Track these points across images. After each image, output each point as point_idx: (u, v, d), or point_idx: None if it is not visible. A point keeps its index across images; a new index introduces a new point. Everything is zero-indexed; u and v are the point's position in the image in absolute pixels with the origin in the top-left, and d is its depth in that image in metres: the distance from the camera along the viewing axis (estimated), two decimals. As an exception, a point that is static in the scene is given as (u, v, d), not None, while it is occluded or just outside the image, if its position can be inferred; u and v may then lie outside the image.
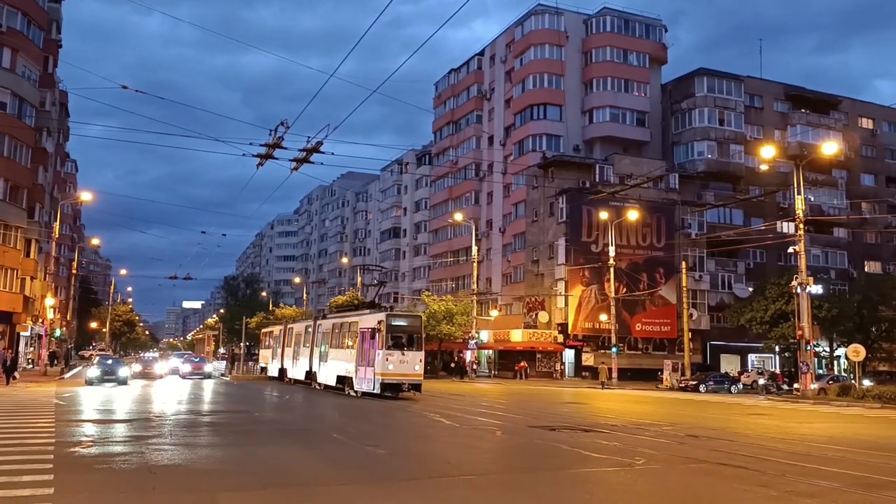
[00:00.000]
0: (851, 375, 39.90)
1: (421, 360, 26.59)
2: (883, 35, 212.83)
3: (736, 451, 13.61)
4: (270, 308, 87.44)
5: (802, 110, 63.30)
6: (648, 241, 54.96)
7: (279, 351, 40.89)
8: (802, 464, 12.72)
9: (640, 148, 60.50)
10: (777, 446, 14.98)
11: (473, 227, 47.95)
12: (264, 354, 47.01)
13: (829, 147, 41.40)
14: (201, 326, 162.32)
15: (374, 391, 25.63)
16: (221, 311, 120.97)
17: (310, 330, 34.65)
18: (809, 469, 12.06)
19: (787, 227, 34.27)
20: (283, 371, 39.60)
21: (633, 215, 48.21)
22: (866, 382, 40.42)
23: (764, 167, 50.65)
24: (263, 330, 50.17)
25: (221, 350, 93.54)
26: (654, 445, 14.19)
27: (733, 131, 59.91)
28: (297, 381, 36.37)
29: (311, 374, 33.52)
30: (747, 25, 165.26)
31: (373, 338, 25.62)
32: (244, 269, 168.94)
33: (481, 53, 72.25)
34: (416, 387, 26.36)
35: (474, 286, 53.10)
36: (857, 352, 33.97)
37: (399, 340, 26.02)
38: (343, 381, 28.69)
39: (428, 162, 79.57)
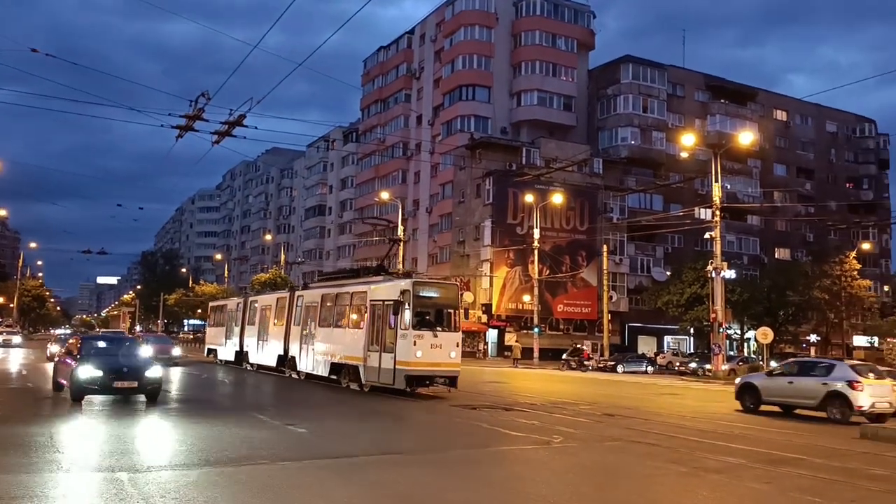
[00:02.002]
0: (760, 357, 41.63)
1: (458, 345, 20.16)
2: (798, 31, 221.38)
3: (649, 430, 14.01)
4: (190, 285, 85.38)
5: (721, 100, 65.24)
6: (572, 225, 55.91)
7: (237, 330, 32.87)
8: (711, 441, 13.20)
9: (567, 132, 61.28)
10: (687, 424, 15.51)
11: (400, 207, 47.65)
12: (213, 334, 38.37)
13: (746, 137, 42.78)
14: (116, 303, 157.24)
15: (394, 385, 19.12)
16: (138, 287, 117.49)
17: (285, 303, 27.41)
18: (718, 446, 12.51)
19: (704, 214, 35.31)
20: (241, 355, 31.53)
21: (557, 199, 48.89)
22: (773, 364, 42.33)
23: (684, 154, 52.01)
24: (212, 304, 42.35)
25: (138, 328, 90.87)
26: (572, 424, 14.48)
27: (656, 119, 61.32)
28: (262, 368, 28.91)
29: (286, 360, 26.33)
30: (672, 15, 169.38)
31: (395, 313, 19.18)
32: (163, 244, 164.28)
33: (411, 32, 71.68)
34: (453, 380, 19.68)
35: (399, 266, 52.92)
36: (766, 334, 35.53)
37: (428, 317, 19.86)
38: (339, 370, 22.22)
39: (355, 139, 78.72)
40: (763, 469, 10.89)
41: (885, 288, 66.55)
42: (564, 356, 44.58)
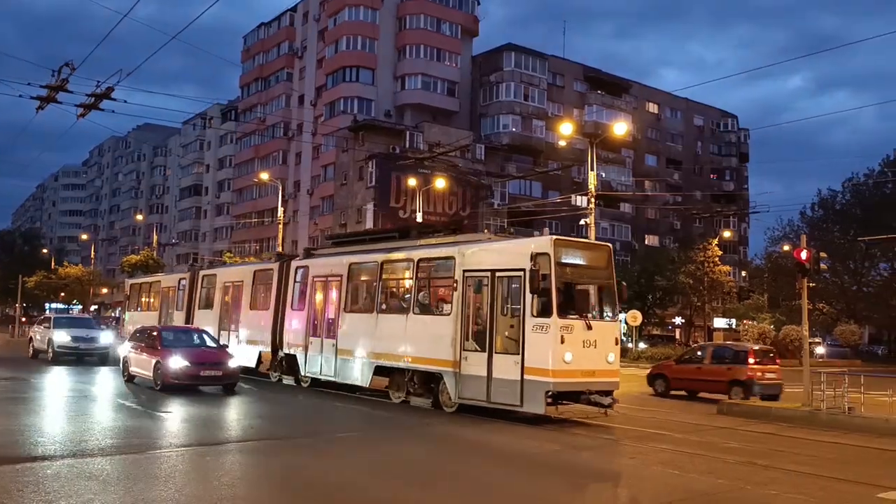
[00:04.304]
0: (630, 339, 43.63)
1: (617, 342, 14.11)
2: (671, 28, 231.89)
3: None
4: (52, 266, 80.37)
5: (598, 91, 67.42)
6: (454, 209, 56.42)
7: (179, 317, 25.69)
8: (589, 422, 13.76)
9: (450, 117, 61.63)
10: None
11: (280, 188, 46.54)
12: (136, 320, 28.99)
13: (620, 128, 44.39)
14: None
15: (521, 407, 12.86)
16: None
17: (271, 279, 20.44)
18: (594, 426, 13.05)
19: (580, 201, 36.52)
20: None
21: (440, 183, 49.18)
22: (642, 345, 44.53)
23: (562, 143, 53.51)
24: (134, 281, 33.12)
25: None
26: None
27: (536, 107, 62.64)
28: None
29: (277, 360, 19.71)
30: (554, 6, 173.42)
31: (533, 291, 12.69)
32: (22, 223, 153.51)
33: (294, 9, 69.95)
34: (606, 395, 13.30)
35: (279, 248, 51.85)
36: (636, 317, 37.24)
37: (573, 297, 13.60)
38: (390, 376, 16.01)
39: (234, 118, 76.16)
40: (631, 445, 11.43)
41: (743, 273, 71.10)
42: None
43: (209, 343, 18.22)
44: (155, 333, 17.91)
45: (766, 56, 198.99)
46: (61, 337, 24.26)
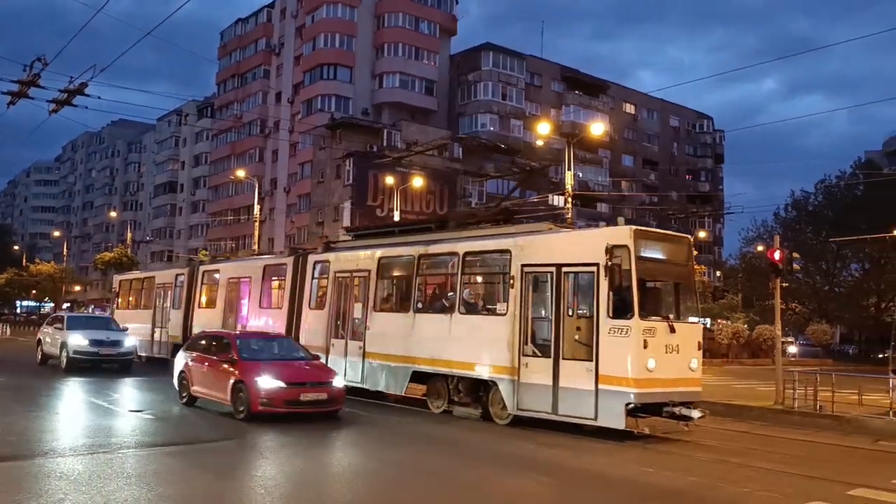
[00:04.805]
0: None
1: (700, 346, 12.43)
2: (648, 30, 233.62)
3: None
4: (24, 263, 79.26)
5: (576, 92, 67.68)
6: (432, 208, 56.27)
7: (176, 315, 23.71)
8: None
9: (428, 116, 61.56)
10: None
11: (257, 186, 46.28)
12: (126, 319, 26.02)
13: (597, 128, 44.72)
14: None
15: (596, 420, 11.54)
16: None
17: (284, 274, 18.89)
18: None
19: (557, 200, 36.59)
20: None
21: (418, 182, 49.12)
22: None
23: (540, 143, 53.66)
24: (123, 277, 31.28)
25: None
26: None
27: (514, 106, 62.74)
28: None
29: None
30: (533, 5, 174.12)
31: (612, 288, 11.41)
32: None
33: (271, 6, 69.49)
34: (688, 407, 11.73)
35: (255, 246, 51.48)
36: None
37: (654, 295, 12.61)
38: (428, 383, 14.48)
39: (210, 114, 75.53)
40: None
41: (718, 273, 71.79)
42: None
43: (299, 354, 13.98)
44: (227, 341, 13.65)
45: (741, 59, 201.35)
46: (77, 340, 20.43)
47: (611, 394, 11.19)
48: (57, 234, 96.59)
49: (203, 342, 14.53)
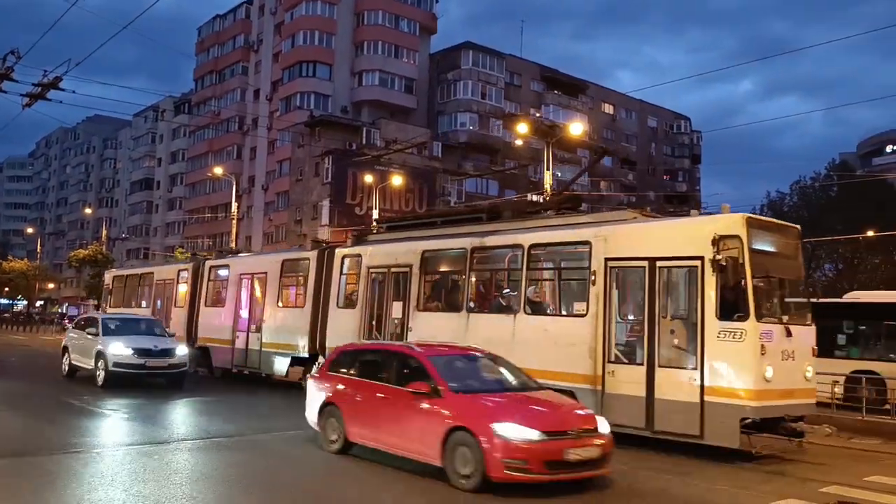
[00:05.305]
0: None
1: (814, 352, 11.11)
2: (627, 30, 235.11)
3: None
4: (-4, 260, 78.09)
5: (555, 91, 67.93)
6: (411, 207, 56.27)
7: (180, 315, 21.91)
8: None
9: (407, 115, 61.47)
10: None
11: (234, 183, 45.94)
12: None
13: (576, 128, 44.73)
14: None
15: (702, 437, 10.06)
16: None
17: (306, 269, 17.33)
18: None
19: (536, 200, 36.68)
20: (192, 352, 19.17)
21: (397, 180, 49.06)
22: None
23: (519, 142, 53.73)
24: (115, 273, 29.15)
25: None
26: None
27: (494, 106, 62.83)
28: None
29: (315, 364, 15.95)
30: (512, 5, 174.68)
31: (727, 285, 10.10)
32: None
33: (250, 2, 69.01)
34: (800, 420, 10.60)
35: (233, 244, 51.11)
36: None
37: (769, 294, 11.00)
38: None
39: (187, 111, 74.89)
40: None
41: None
42: None
43: (521, 379, 9.55)
44: (414, 361, 9.25)
45: (718, 60, 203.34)
46: (118, 349, 16.45)
47: (721, 407, 9.73)
48: (30, 230, 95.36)
49: (359, 360, 10.35)
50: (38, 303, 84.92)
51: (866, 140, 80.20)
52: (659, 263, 10.53)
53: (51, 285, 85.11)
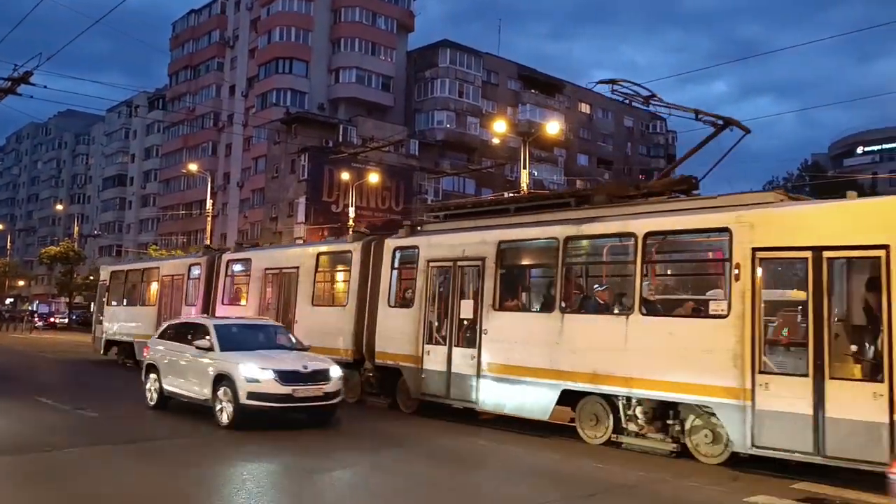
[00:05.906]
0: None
1: None
2: (603, 30, 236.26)
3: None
4: (-35, 257, 76.84)
5: (532, 90, 68.09)
6: (388, 205, 56.20)
7: (192, 314, 19.25)
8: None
9: (384, 112, 61.32)
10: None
11: (210, 180, 45.59)
12: (118, 318, 23.97)
13: (553, 127, 45.09)
14: None
15: (882, 463, 8.15)
16: None
17: (350, 262, 15.51)
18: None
19: (512, 198, 36.79)
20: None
21: (373, 178, 48.95)
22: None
23: (496, 141, 53.86)
24: (113, 268, 27.02)
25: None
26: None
27: (471, 104, 62.87)
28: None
29: (380, 378, 14.32)
30: (489, 3, 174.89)
31: None
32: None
33: (225, -3, 68.50)
34: None
35: (208, 241, 50.74)
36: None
37: None
38: (580, 401, 11.05)
39: (161, 106, 74.14)
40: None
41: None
42: None
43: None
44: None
45: (694, 61, 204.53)
46: (253, 372, 11.44)
47: None
48: (0, 227, 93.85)
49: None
50: (8, 300, 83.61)
51: (838, 141, 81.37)
52: (826, 254, 8.83)
53: (21, 282, 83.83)
